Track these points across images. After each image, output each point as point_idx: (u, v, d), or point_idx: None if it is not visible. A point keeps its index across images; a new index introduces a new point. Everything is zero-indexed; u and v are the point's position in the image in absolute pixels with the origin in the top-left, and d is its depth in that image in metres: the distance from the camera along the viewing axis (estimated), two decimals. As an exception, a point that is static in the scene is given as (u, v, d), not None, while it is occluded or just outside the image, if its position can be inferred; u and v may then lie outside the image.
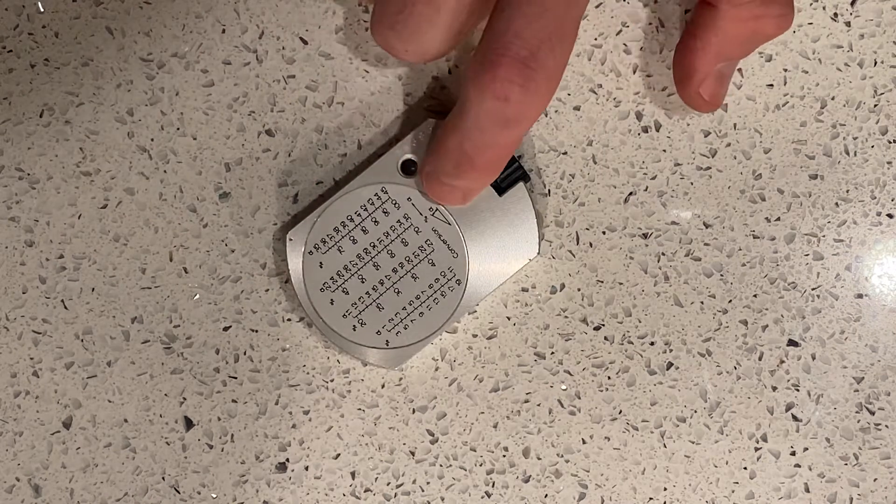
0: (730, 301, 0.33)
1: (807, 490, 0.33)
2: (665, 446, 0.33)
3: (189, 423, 0.33)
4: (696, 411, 0.33)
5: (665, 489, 0.33)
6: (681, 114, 0.33)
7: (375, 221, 0.31)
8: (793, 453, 0.33)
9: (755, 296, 0.33)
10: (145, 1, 0.33)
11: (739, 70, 0.33)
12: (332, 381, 0.33)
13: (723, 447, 0.33)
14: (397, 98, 0.33)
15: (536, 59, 0.26)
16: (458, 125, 0.28)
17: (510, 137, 0.28)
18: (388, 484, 0.33)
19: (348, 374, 0.33)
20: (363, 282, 0.32)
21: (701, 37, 0.29)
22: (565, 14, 0.26)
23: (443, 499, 0.33)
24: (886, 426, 0.33)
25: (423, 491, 0.33)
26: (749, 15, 0.28)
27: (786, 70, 0.33)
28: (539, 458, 0.33)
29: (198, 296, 0.33)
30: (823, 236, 0.33)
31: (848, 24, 0.32)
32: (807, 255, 0.33)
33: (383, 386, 0.33)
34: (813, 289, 0.33)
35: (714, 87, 0.30)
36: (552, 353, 0.33)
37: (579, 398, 0.33)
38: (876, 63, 0.33)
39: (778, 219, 0.33)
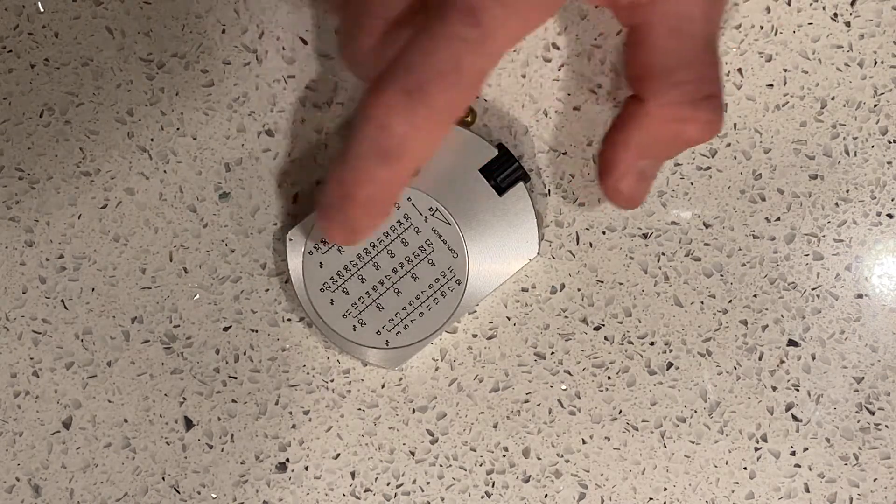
0: (730, 301, 0.33)
1: (807, 490, 0.33)
2: (665, 446, 0.33)
3: (189, 423, 0.33)
4: (696, 411, 0.33)
5: (665, 489, 0.33)
6: (681, 114, 0.33)
7: (375, 221, 0.31)
8: (793, 453, 0.33)
9: (755, 296, 0.33)
10: (145, 1, 0.33)
11: (739, 70, 0.33)
12: (332, 381, 0.33)
13: (723, 447, 0.33)
14: (397, 98, 0.33)
15: (423, 93, 0.25)
16: (344, 153, 0.27)
17: (390, 173, 0.26)
18: (388, 484, 0.33)
19: (348, 374, 0.33)
20: (363, 282, 0.32)
21: (624, 131, 0.29)
22: (465, 58, 0.25)
23: (443, 499, 0.33)
24: (886, 426, 0.33)
25: (423, 491, 0.33)
26: (675, 116, 0.28)
27: (786, 70, 0.33)
28: (539, 458, 0.33)
29: (198, 296, 0.33)
30: (823, 236, 0.33)
31: (848, 24, 0.32)
32: (807, 255, 0.33)
33: (383, 386, 0.33)
34: (813, 289, 0.33)
35: (633, 184, 0.29)
36: (552, 353, 0.33)
37: (579, 398, 0.33)
38: (876, 63, 0.33)
39: (778, 219, 0.33)
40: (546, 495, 0.33)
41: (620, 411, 0.33)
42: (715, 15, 0.28)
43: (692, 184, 0.33)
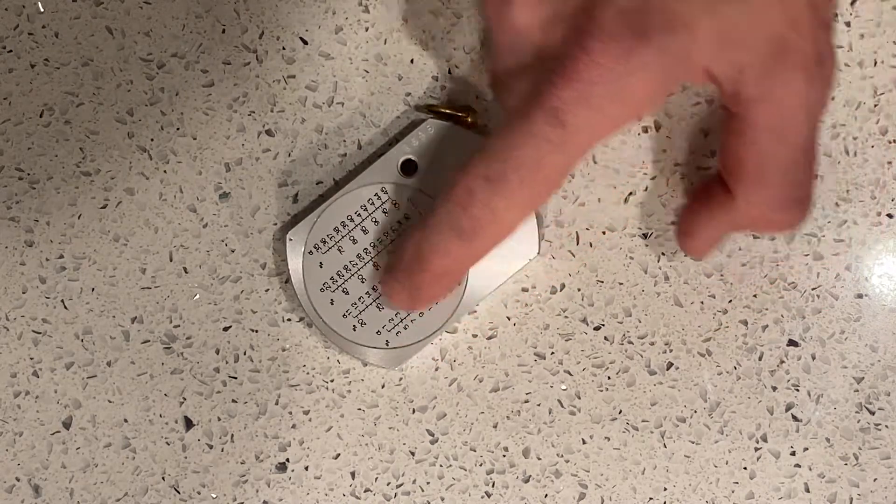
0: (730, 301, 0.33)
1: (807, 490, 0.33)
2: (665, 446, 0.33)
3: (189, 423, 0.33)
4: (696, 411, 0.33)
5: (665, 489, 0.33)
6: (681, 114, 0.33)
7: (375, 221, 0.31)
8: (793, 453, 0.33)
9: (755, 296, 0.33)
10: (145, 1, 0.33)
11: (739, 70, 0.33)
12: (332, 381, 0.33)
13: (723, 447, 0.33)
14: (397, 98, 0.33)
15: (503, 184, 0.26)
16: (424, 221, 0.28)
17: (462, 249, 0.28)
18: (388, 484, 0.33)
19: (348, 374, 0.33)
20: (363, 282, 0.32)
21: (711, 211, 0.30)
22: (548, 157, 0.26)
23: (443, 499, 0.33)
24: (886, 426, 0.33)
25: (423, 491, 0.33)
26: (762, 215, 0.28)
27: (786, 70, 0.33)
28: (539, 458, 0.33)
29: (198, 296, 0.33)
30: (823, 236, 0.33)
31: (848, 24, 0.32)
32: (807, 255, 0.33)
33: (383, 386, 0.33)
34: (813, 289, 0.33)
35: (709, 247, 0.31)
36: (552, 353, 0.33)
37: (579, 398, 0.33)
38: (876, 63, 0.33)
39: (778, 219, 0.33)
40: (546, 495, 0.33)
41: (620, 411, 0.33)
42: (817, 121, 0.27)
43: (692, 184, 0.33)
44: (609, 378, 0.33)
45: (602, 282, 0.33)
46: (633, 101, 0.25)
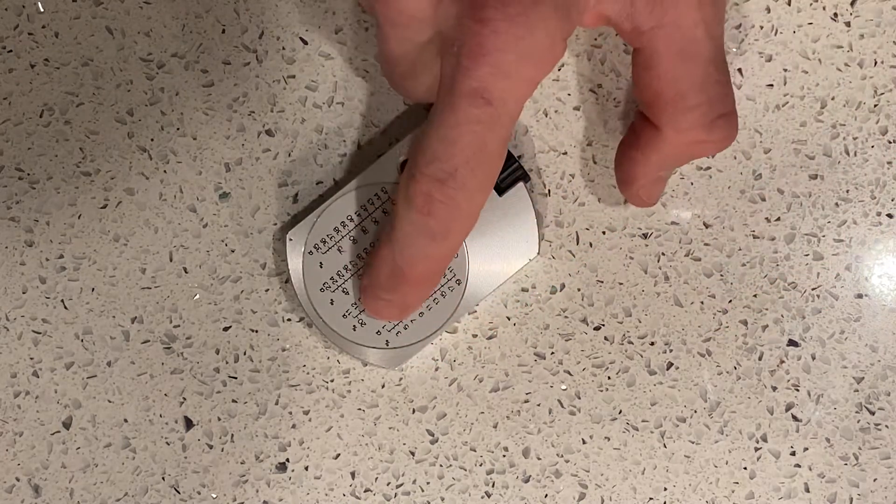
0: (730, 301, 0.33)
1: (807, 490, 0.33)
2: (665, 446, 0.33)
3: (189, 423, 0.33)
4: (696, 411, 0.33)
5: (665, 489, 0.33)
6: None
7: (375, 221, 0.31)
8: (793, 453, 0.33)
9: (755, 296, 0.33)
10: (145, 1, 0.33)
11: (739, 70, 0.33)
12: (332, 381, 0.33)
13: (723, 447, 0.33)
14: (397, 98, 0.33)
15: (457, 179, 0.26)
16: (390, 237, 0.28)
17: (439, 250, 0.28)
18: (388, 484, 0.33)
19: (348, 374, 0.33)
20: (363, 282, 0.32)
21: (642, 151, 0.29)
22: (487, 137, 0.26)
23: (443, 499, 0.33)
24: (886, 426, 0.33)
25: (423, 491, 0.33)
26: (692, 139, 0.28)
27: (786, 70, 0.33)
28: (539, 458, 0.33)
29: (198, 296, 0.33)
30: (823, 236, 0.33)
31: (848, 24, 0.32)
32: (807, 255, 0.33)
33: (383, 386, 0.33)
34: (813, 289, 0.33)
35: (652, 189, 0.31)
36: (552, 353, 0.33)
37: (579, 398, 0.33)
38: (876, 63, 0.33)
39: (778, 219, 0.33)
40: (546, 495, 0.33)
41: (620, 411, 0.33)
42: (717, 32, 0.28)
43: (692, 184, 0.33)
44: (609, 378, 0.33)
45: (602, 282, 0.33)
46: (542, 57, 0.26)
